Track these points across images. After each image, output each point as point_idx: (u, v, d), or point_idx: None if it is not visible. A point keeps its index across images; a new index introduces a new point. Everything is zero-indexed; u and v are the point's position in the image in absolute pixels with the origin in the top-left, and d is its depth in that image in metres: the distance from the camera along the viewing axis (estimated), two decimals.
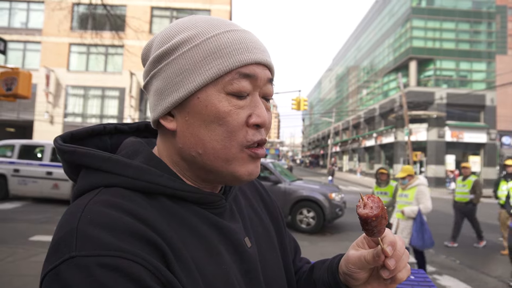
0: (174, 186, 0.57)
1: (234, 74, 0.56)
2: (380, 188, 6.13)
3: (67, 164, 0.61)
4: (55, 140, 0.61)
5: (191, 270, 0.52)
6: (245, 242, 0.64)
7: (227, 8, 22.83)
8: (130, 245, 0.45)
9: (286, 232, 0.83)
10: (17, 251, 5.22)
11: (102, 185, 0.55)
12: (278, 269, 0.71)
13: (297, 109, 18.52)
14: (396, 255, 0.59)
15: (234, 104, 0.56)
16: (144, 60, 0.63)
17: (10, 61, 20.66)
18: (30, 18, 22.72)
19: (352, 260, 0.63)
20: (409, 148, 22.26)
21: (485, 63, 27.41)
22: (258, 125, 0.58)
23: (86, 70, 22.40)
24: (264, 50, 0.60)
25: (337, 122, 48.31)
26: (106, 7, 8.69)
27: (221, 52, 0.55)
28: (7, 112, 21.41)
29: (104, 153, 0.57)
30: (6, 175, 10.08)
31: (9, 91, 6.76)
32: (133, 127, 0.73)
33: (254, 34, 0.61)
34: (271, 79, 0.61)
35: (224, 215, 0.63)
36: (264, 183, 7.91)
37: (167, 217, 0.54)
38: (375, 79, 35.76)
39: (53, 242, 0.48)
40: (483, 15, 27.68)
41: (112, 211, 0.49)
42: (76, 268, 0.43)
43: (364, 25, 41.56)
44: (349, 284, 0.67)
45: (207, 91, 0.56)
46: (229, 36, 0.57)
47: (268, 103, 0.62)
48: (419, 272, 2.63)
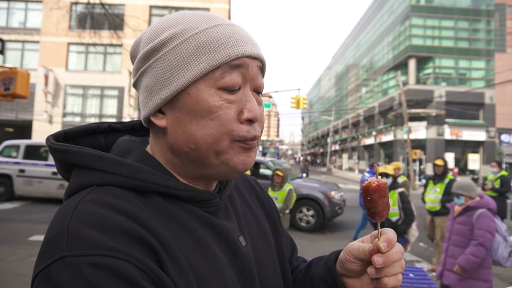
0: (167, 184, 0.56)
1: (225, 67, 0.55)
2: (273, 192, 5.62)
3: (59, 163, 0.60)
4: (47, 138, 0.61)
5: (184, 269, 0.51)
6: (239, 241, 0.63)
7: (226, 7, 22.80)
8: (121, 244, 0.45)
9: (282, 231, 0.82)
10: (16, 251, 5.22)
11: (95, 184, 0.54)
12: (274, 268, 0.71)
13: (296, 107, 18.52)
14: (388, 256, 0.57)
15: (225, 99, 0.55)
16: (133, 58, 0.63)
17: (8, 61, 20.60)
18: (28, 18, 22.66)
19: (352, 248, 0.63)
20: (408, 146, 22.27)
21: (484, 61, 27.44)
22: (250, 120, 0.57)
23: (84, 70, 22.37)
24: (254, 43, 0.59)
25: (337, 120, 48.33)
26: (104, 6, 8.66)
27: (210, 46, 0.55)
28: (5, 112, 21.38)
29: (96, 152, 0.56)
30: (11, 175, 9.99)
31: (7, 91, 6.75)
32: (128, 125, 0.72)
33: (244, 28, 0.60)
34: (262, 71, 0.60)
35: (218, 214, 0.63)
36: (262, 181, 7.93)
37: (160, 215, 0.54)
38: (375, 77, 35.77)
39: (44, 242, 0.47)
40: (482, 13, 27.69)
41: (104, 210, 0.48)
42: (67, 268, 0.42)
43: (363, 23, 41.55)
44: (343, 279, 0.66)
45: (198, 86, 0.55)
46: (218, 30, 0.56)
47: (259, 97, 0.61)
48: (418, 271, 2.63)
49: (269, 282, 0.67)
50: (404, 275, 2.51)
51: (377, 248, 0.58)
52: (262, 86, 0.61)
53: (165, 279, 0.47)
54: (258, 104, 0.60)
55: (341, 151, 47.55)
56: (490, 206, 3.41)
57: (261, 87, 0.61)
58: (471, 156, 25.95)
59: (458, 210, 3.59)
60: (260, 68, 0.60)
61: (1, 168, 10.10)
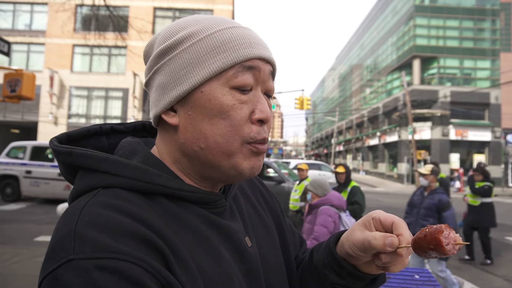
0: (173, 186, 0.56)
1: (238, 67, 0.56)
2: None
3: (63, 166, 0.60)
4: (50, 141, 0.60)
5: (191, 271, 0.51)
6: (245, 241, 0.63)
7: (230, 8, 22.84)
8: (129, 247, 0.45)
9: (288, 228, 0.82)
10: (22, 252, 5.26)
11: (100, 186, 0.54)
12: (279, 268, 0.70)
13: (300, 108, 18.49)
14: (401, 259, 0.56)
15: (237, 98, 0.56)
16: (146, 57, 0.63)
17: (14, 63, 20.78)
18: (33, 20, 22.86)
19: (356, 240, 0.59)
20: (413, 146, 22.15)
21: (489, 60, 27.22)
22: (261, 120, 0.58)
23: (89, 71, 22.51)
24: (266, 47, 0.60)
25: (341, 121, 48.19)
26: (109, 8, 8.71)
27: (225, 46, 0.56)
28: (11, 113, 21.57)
29: (101, 154, 0.56)
30: (18, 176, 10.07)
31: (13, 93, 6.79)
32: (129, 127, 0.72)
33: (256, 32, 0.62)
34: (273, 75, 0.62)
35: (224, 215, 0.63)
36: (267, 182, 7.92)
37: (166, 217, 0.54)
38: (379, 77, 35.64)
39: (50, 245, 0.47)
40: (487, 12, 27.49)
41: (111, 212, 0.48)
42: (74, 271, 0.41)
43: (367, 24, 41.43)
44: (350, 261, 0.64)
45: (211, 85, 0.56)
46: (233, 32, 0.57)
47: (269, 100, 0.62)
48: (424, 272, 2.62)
49: (275, 282, 0.67)
50: (410, 276, 2.50)
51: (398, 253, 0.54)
52: (273, 89, 0.62)
53: (173, 282, 0.46)
54: (268, 107, 0.60)
55: (345, 152, 47.39)
56: (332, 203, 3.46)
57: (272, 90, 0.62)
58: (476, 156, 25.72)
59: (306, 209, 3.65)
60: (271, 72, 0.61)
61: (8, 169, 10.17)
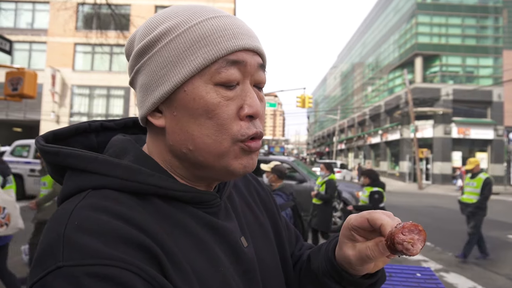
0: (166, 186, 0.54)
1: (221, 62, 0.52)
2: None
3: (50, 166, 0.57)
4: (36, 140, 0.57)
5: (187, 274, 0.49)
6: (241, 241, 0.61)
7: (231, 6, 22.81)
8: (121, 252, 0.42)
9: (283, 224, 0.80)
10: (21, 251, 5.27)
11: (90, 187, 0.51)
12: (276, 267, 0.69)
13: (302, 106, 18.47)
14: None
15: (223, 95, 0.52)
16: (128, 56, 0.60)
17: (16, 61, 20.84)
18: (35, 19, 22.89)
19: (355, 261, 0.57)
20: (415, 145, 22.11)
21: (492, 58, 27.09)
22: (251, 116, 0.54)
23: (91, 70, 22.53)
24: (252, 36, 0.56)
25: (342, 119, 48.11)
26: (110, 6, 8.71)
27: (205, 40, 0.52)
28: (14, 112, 21.65)
29: (90, 153, 0.54)
30: (22, 175, 10.11)
31: (15, 91, 6.81)
32: (120, 123, 0.70)
33: (242, 20, 0.57)
34: (262, 66, 0.57)
35: (219, 214, 0.61)
36: (289, 182, 7.78)
37: (160, 219, 0.51)
38: (380, 75, 35.53)
39: (38, 251, 0.44)
40: (489, 10, 27.35)
41: (101, 215, 0.45)
42: (64, 279, 0.39)
43: (369, 21, 41.29)
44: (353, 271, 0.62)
45: (194, 83, 0.52)
46: (214, 23, 0.53)
47: (260, 92, 0.58)
48: (426, 270, 2.62)
49: (271, 281, 0.66)
50: (411, 274, 2.50)
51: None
52: (264, 81, 0.58)
53: (168, 287, 0.45)
54: (259, 100, 0.57)
55: (347, 150, 47.33)
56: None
57: (262, 82, 0.58)
58: (478, 155, 25.61)
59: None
60: (260, 64, 0.57)
61: (12, 168, 10.17)
